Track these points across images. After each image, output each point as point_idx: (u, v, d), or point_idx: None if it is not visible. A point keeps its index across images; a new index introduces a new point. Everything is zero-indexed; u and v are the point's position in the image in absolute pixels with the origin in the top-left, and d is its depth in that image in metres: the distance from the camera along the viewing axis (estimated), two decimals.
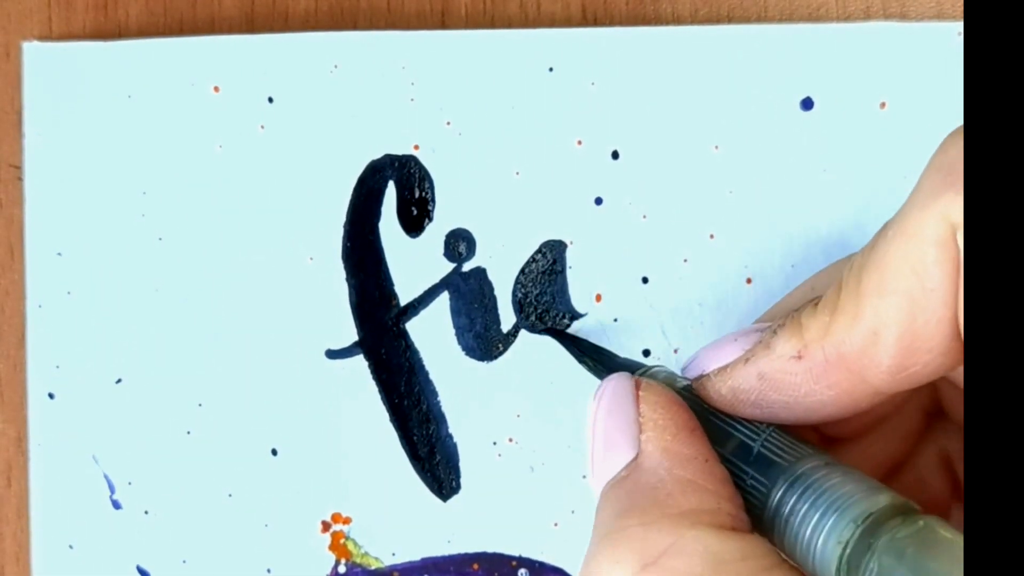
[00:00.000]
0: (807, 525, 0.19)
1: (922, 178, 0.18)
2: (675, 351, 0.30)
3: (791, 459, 0.20)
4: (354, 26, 0.31)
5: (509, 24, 0.30)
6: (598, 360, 0.27)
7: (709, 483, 0.20)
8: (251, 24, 0.31)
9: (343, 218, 0.30)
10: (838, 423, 0.22)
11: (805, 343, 0.20)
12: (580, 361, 0.29)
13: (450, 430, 0.31)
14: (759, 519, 0.20)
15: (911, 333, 0.18)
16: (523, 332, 0.30)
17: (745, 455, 0.21)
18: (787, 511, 0.19)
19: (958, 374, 0.22)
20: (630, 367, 0.25)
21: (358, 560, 0.31)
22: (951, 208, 0.17)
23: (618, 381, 0.22)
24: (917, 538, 0.17)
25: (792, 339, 0.20)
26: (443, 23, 0.31)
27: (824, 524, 0.18)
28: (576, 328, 0.30)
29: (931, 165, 0.18)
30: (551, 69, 0.30)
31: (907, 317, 0.18)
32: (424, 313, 0.31)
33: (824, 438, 0.23)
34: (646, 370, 0.24)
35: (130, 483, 0.31)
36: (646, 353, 0.30)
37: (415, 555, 0.31)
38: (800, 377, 0.20)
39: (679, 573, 0.18)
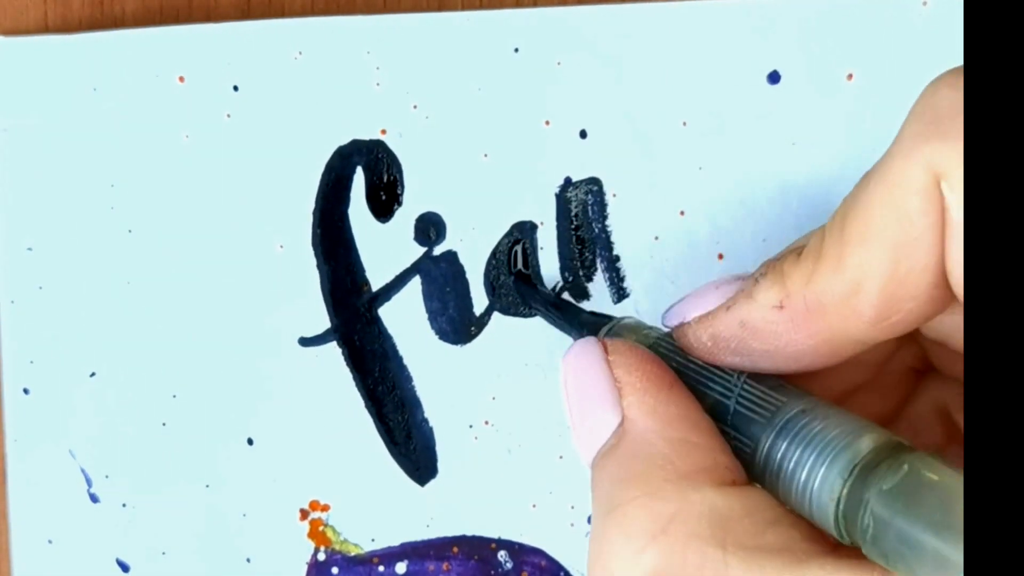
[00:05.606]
0: (798, 479, 0.19)
1: (904, 126, 0.18)
2: None
3: (770, 410, 0.20)
4: None
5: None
6: (562, 314, 0.27)
7: (701, 438, 0.20)
8: (247, 19, 0.31)
9: (312, 205, 0.30)
10: (826, 380, 0.22)
11: (787, 292, 0.19)
12: (543, 315, 0.28)
13: (426, 415, 0.31)
14: (750, 469, 0.20)
15: (894, 282, 0.18)
16: (496, 314, 0.30)
17: (723, 412, 0.20)
18: (775, 466, 0.19)
19: (941, 331, 0.22)
20: (596, 322, 0.24)
21: (338, 547, 0.31)
22: (935, 156, 0.17)
23: (583, 346, 0.22)
24: (904, 487, 0.17)
25: (774, 288, 0.20)
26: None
27: (814, 478, 0.18)
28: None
29: (913, 113, 0.18)
30: (516, 50, 0.29)
31: (890, 266, 0.18)
32: (396, 298, 0.30)
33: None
34: (614, 323, 0.24)
35: (107, 476, 0.31)
36: None
37: (394, 540, 0.31)
38: (782, 326, 0.20)
39: (689, 537, 0.18)
